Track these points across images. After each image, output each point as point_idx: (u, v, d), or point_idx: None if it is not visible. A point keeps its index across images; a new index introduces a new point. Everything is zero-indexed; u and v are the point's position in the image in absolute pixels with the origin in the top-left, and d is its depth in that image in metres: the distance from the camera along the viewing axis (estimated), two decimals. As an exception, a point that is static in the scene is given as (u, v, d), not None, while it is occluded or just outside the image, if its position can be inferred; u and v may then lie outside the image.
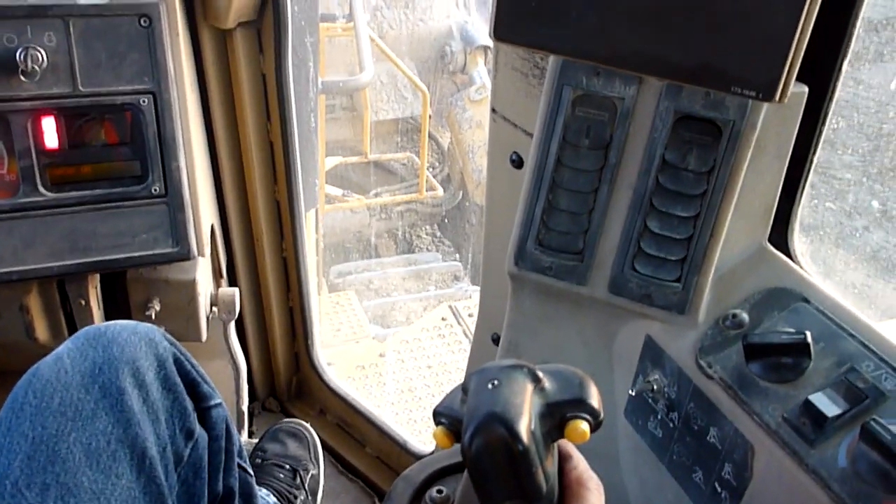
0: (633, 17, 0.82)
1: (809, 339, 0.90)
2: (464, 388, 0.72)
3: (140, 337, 1.08)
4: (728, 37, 0.79)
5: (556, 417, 0.70)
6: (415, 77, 5.90)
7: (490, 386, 0.68)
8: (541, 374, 0.71)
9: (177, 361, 1.12)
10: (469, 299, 4.73)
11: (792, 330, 0.93)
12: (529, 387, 0.69)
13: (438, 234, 7.73)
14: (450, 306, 4.20)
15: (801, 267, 1.05)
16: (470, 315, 4.08)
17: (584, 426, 0.70)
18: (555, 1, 0.84)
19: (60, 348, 1.05)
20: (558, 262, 1.07)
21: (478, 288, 5.96)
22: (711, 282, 1.01)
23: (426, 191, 6.07)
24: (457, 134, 6.53)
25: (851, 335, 0.92)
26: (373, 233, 7.29)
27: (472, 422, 0.66)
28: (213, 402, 1.17)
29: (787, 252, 1.09)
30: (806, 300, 0.98)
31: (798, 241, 1.11)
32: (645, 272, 1.02)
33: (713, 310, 1.02)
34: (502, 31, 0.89)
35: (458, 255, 7.43)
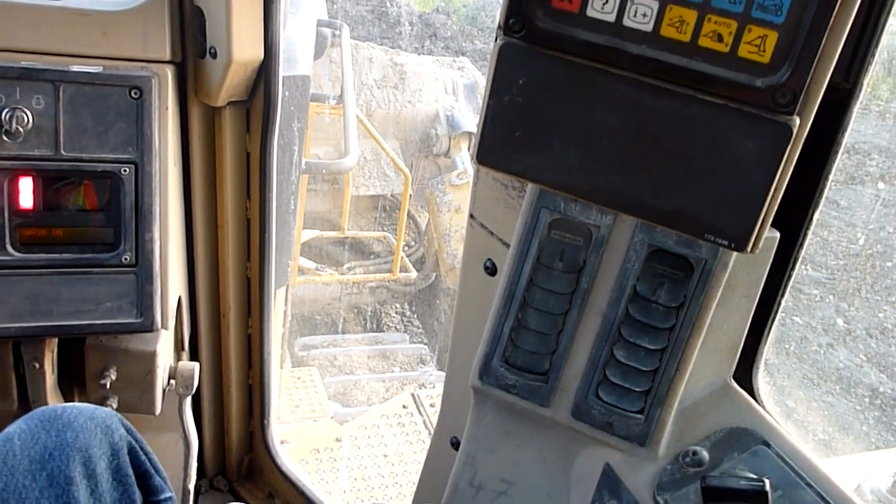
0: (613, 157, 0.84)
1: (768, 487, 0.89)
2: None
3: (97, 423, 1.05)
4: (704, 187, 0.81)
5: None
6: (399, 160, 5.97)
7: None
8: None
9: (131, 451, 1.09)
10: (433, 388, 4.67)
11: (751, 475, 0.92)
12: None
13: (408, 313, 7.69)
14: (412, 394, 4.13)
15: (763, 407, 1.05)
16: (432, 405, 4.02)
17: None
18: (538, 133, 0.86)
19: (12, 428, 1.02)
20: (523, 381, 1.06)
21: (443, 374, 5.91)
22: (674, 415, 1.01)
23: (400, 272, 6.06)
24: (435, 217, 6.56)
25: (809, 485, 0.92)
26: (342, 306, 7.24)
27: None
28: (163, 497, 1.13)
29: (751, 390, 1.09)
30: (766, 443, 0.98)
31: (762, 380, 1.12)
32: (608, 400, 1.02)
33: (674, 444, 1.01)
34: (485, 155, 0.90)
35: (425, 337, 7.37)
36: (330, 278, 6.24)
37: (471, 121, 6.96)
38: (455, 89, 7.23)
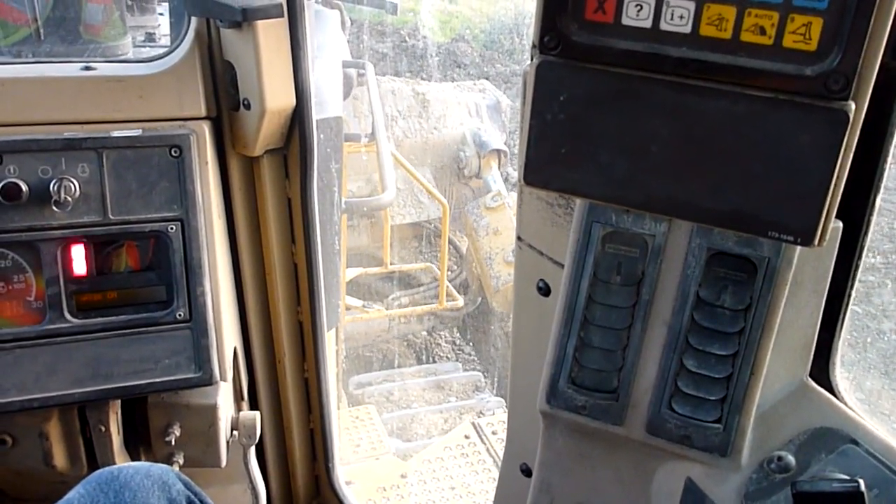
0: (665, 164, 0.82)
1: (863, 488, 0.85)
2: None
3: (153, 480, 1.05)
4: (763, 184, 0.79)
5: None
6: (434, 189, 6.00)
7: None
8: None
9: None
10: (493, 415, 4.62)
11: (843, 476, 0.88)
12: None
13: (458, 340, 7.65)
14: (473, 423, 4.09)
15: (845, 403, 1.01)
16: (494, 433, 3.98)
17: None
18: (586, 147, 0.85)
19: (71, 494, 1.03)
20: (592, 401, 1.04)
21: (500, 399, 5.85)
22: (753, 421, 0.98)
23: (446, 301, 6.05)
24: (474, 241, 6.55)
25: None
26: (392, 336, 7.21)
27: None
28: None
29: (830, 387, 1.05)
30: (855, 441, 0.94)
31: (840, 375, 1.08)
32: (683, 412, 0.99)
33: (756, 451, 0.98)
34: (532, 176, 0.89)
35: (478, 362, 7.32)
36: (377, 314, 6.25)
37: (498, 139, 6.98)
38: (479, 111, 7.28)
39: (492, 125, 7.24)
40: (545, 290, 1.23)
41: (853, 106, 0.74)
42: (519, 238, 1.28)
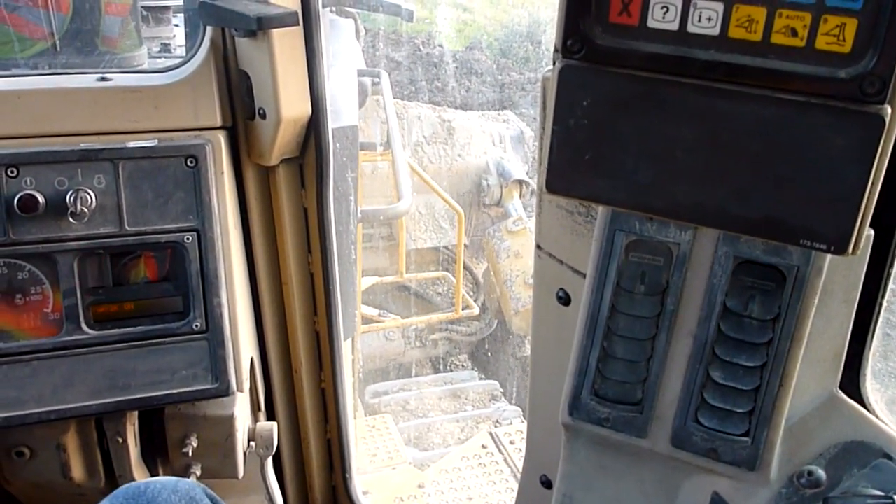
0: (691, 170, 0.80)
1: (899, 504, 0.82)
2: None
3: (180, 496, 1.04)
4: (794, 191, 0.76)
5: None
6: (451, 199, 6.05)
7: None
8: None
9: None
10: (510, 425, 4.61)
11: (877, 492, 0.86)
12: None
13: (471, 364, 7.72)
14: (490, 433, 4.08)
15: (876, 416, 0.99)
16: (511, 443, 3.96)
17: None
18: (609, 153, 0.83)
19: None
20: (616, 413, 1.01)
21: (517, 409, 5.82)
22: (782, 434, 0.95)
23: (462, 309, 6.07)
24: (494, 264, 6.65)
25: None
26: (407, 361, 7.27)
27: None
28: None
29: (860, 399, 1.03)
30: (888, 456, 0.91)
31: (871, 387, 1.05)
32: (710, 425, 0.96)
33: (785, 466, 0.95)
34: (555, 183, 0.87)
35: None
36: (393, 323, 6.28)
37: (520, 169, 7.17)
38: (502, 140, 7.44)
39: (515, 155, 7.42)
40: (565, 300, 1.21)
41: (889, 110, 0.71)
42: (538, 247, 1.27)
